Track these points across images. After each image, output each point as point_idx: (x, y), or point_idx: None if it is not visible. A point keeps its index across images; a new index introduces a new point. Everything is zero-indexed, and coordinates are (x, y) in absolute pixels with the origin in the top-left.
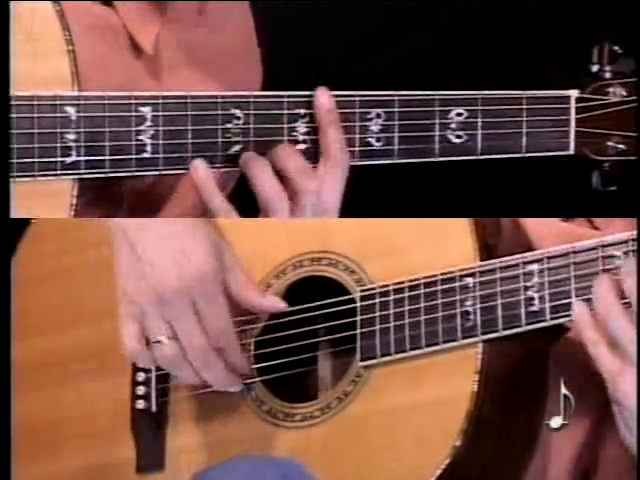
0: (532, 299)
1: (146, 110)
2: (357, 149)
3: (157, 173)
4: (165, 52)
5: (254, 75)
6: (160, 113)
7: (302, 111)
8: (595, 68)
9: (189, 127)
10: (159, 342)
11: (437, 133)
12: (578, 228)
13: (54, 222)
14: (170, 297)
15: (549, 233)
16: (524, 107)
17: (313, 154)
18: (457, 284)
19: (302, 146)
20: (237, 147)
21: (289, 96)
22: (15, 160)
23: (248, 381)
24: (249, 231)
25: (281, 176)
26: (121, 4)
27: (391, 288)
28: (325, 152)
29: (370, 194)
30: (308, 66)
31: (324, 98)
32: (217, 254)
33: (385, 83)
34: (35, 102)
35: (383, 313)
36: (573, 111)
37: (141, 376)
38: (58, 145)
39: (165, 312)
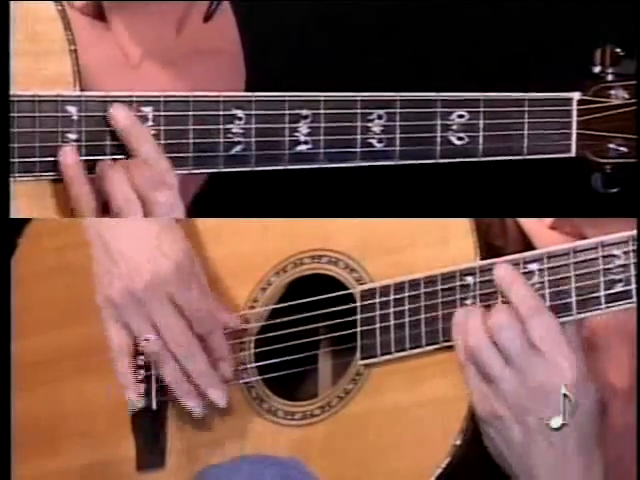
0: None
1: (148, 110)
2: (358, 150)
3: None
4: (150, 61)
5: (237, 78)
6: (162, 113)
7: (304, 112)
8: (597, 70)
9: (190, 127)
10: (147, 340)
11: (439, 135)
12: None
13: (54, 220)
14: (145, 293)
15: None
16: (526, 109)
17: (315, 155)
18: (457, 283)
19: (304, 147)
20: (238, 147)
21: (291, 96)
22: (17, 159)
23: (249, 379)
24: (250, 229)
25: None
26: (114, 20)
27: (391, 287)
28: None
29: (371, 195)
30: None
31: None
32: (191, 251)
33: (386, 84)
34: (37, 101)
35: (383, 312)
36: (575, 113)
37: (141, 374)
38: (59, 144)
39: (144, 309)
